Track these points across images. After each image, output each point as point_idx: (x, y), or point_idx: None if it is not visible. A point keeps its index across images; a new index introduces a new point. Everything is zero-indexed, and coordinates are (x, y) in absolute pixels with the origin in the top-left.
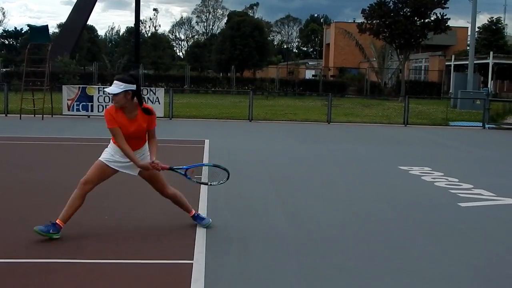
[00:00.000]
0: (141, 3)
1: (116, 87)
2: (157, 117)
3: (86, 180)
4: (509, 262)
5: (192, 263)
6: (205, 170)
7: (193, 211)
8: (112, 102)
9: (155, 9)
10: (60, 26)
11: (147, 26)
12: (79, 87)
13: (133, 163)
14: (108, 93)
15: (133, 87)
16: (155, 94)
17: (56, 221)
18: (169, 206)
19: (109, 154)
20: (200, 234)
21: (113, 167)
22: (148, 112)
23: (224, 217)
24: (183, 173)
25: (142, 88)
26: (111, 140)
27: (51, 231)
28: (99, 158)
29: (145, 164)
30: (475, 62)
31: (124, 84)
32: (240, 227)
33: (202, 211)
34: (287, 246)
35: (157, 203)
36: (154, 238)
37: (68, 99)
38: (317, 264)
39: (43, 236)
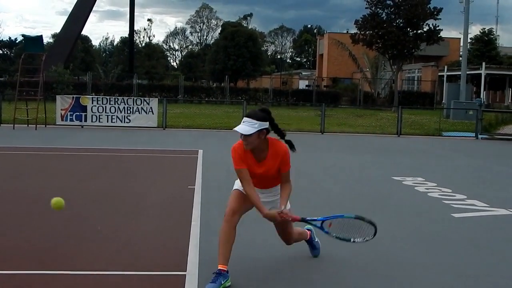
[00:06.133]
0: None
1: (249, 126)
2: (151, 127)
3: (232, 211)
4: (502, 272)
5: (185, 275)
6: (344, 221)
7: (309, 236)
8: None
9: (149, 20)
10: (54, 36)
11: (141, 36)
12: (73, 97)
13: (268, 201)
14: (240, 134)
15: (267, 124)
16: (148, 104)
17: (219, 268)
18: (162, 217)
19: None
20: (193, 245)
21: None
22: (280, 152)
23: (217, 227)
24: (319, 225)
25: (135, 98)
26: None
27: (222, 282)
28: (234, 188)
29: (272, 213)
30: (468, 72)
31: (258, 122)
32: None
33: (195, 221)
34: (281, 256)
35: (150, 214)
36: (147, 249)
37: (61, 109)
38: (310, 272)
39: None
